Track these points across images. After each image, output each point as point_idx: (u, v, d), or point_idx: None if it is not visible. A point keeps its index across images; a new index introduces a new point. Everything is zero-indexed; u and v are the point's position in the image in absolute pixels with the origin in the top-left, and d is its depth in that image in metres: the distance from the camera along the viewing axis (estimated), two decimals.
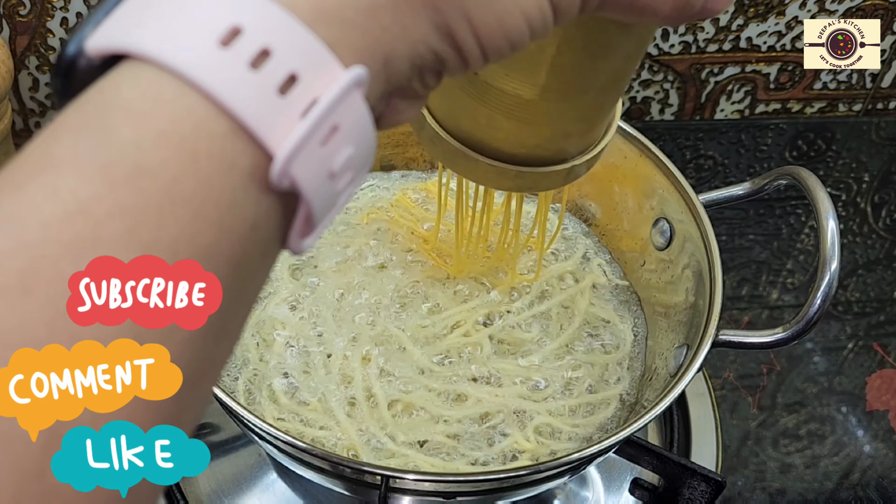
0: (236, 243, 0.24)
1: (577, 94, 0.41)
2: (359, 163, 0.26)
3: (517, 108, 0.41)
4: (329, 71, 0.24)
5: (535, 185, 0.47)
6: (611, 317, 0.64)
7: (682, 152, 0.92)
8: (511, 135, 0.43)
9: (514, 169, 0.45)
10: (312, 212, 0.25)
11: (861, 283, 0.83)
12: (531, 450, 0.56)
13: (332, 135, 0.25)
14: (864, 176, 0.93)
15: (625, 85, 0.44)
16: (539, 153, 0.45)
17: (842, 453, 0.71)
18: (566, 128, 0.44)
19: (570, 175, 0.47)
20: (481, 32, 0.27)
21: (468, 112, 0.43)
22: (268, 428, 0.48)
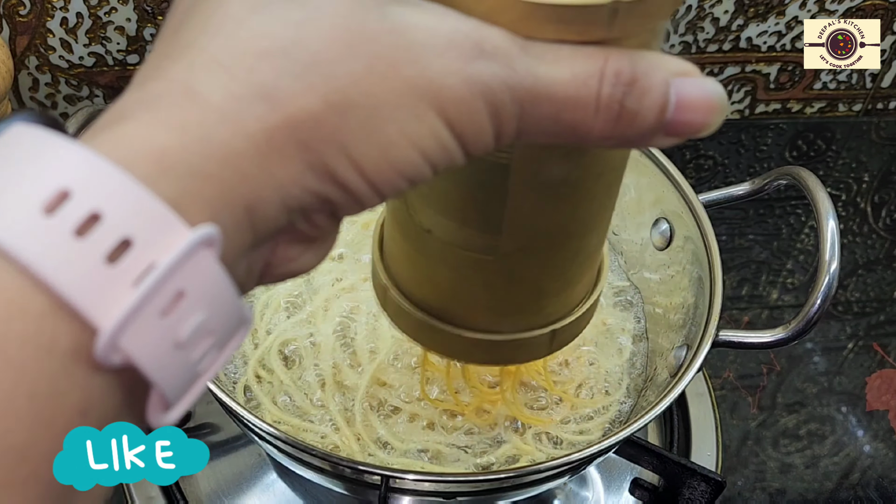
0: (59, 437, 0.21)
1: (542, 243, 0.36)
2: (218, 326, 0.23)
3: (477, 267, 0.37)
4: (170, 232, 0.22)
5: (512, 358, 0.42)
6: (611, 318, 0.64)
7: (681, 152, 0.92)
8: (478, 298, 0.39)
9: (486, 339, 0.40)
10: (161, 388, 0.22)
11: (861, 283, 0.83)
12: (530, 452, 0.55)
13: (177, 302, 0.22)
14: (864, 176, 0.93)
15: (601, 226, 0.38)
16: (512, 318, 0.40)
17: (842, 453, 0.71)
18: (538, 285, 0.38)
19: (555, 341, 0.41)
20: (366, 168, 0.24)
21: (430, 277, 0.39)
22: (268, 428, 0.48)
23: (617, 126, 0.26)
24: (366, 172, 0.24)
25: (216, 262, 0.23)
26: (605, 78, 0.25)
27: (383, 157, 0.24)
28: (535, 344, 0.41)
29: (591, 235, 0.38)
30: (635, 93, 0.26)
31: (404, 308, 0.40)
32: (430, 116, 0.24)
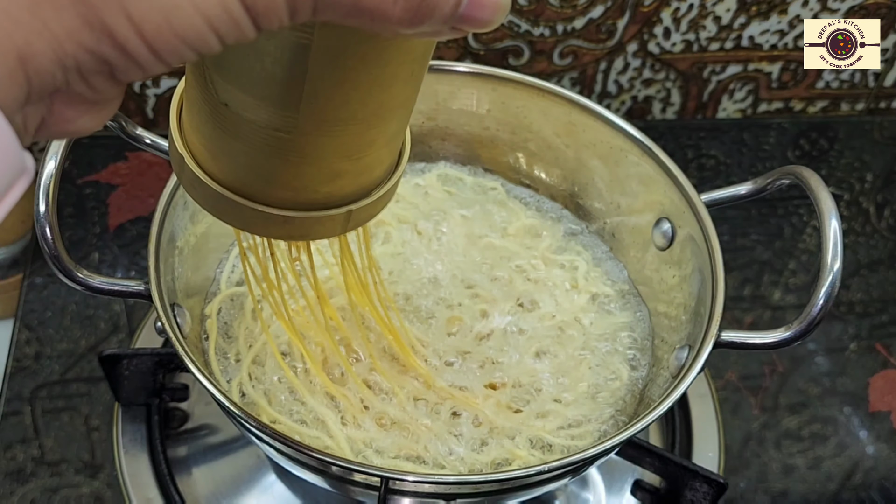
0: None
1: (339, 126, 0.37)
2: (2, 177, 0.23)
3: (273, 144, 0.37)
4: None
5: (307, 233, 0.42)
6: (613, 318, 0.64)
7: (683, 151, 0.92)
8: (272, 174, 0.39)
9: (280, 214, 0.40)
10: None
11: (864, 284, 0.83)
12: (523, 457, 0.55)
13: None
14: (867, 175, 0.93)
15: (403, 114, 0.39)
16: (307, 196, 0.40)
17: (844, 454, 0.71)
18: (335, 166, 0.39)
19: (351, 221, 0.42)
20: (146, 31, 0.24)
21: (225, 150, 0.39)
22: (266, 429, 0.48)
23: (416, 14, 0.27)
24: (146, 35, 0.24)
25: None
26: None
27: (166, 21, 0.24)
28: (332, 222, 0.41)
29: (390, 122, 0.39)
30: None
31: (201, 180, 0.40)
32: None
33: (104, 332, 0.72)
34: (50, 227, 0.51)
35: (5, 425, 0.66)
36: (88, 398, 0.68)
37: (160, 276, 0.53)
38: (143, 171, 0.83)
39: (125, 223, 0.79)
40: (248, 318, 0.61)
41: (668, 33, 0.87)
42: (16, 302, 0.73)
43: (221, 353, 0.59)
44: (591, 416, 0.58)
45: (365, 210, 0.42)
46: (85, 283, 0.53)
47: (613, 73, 0.90)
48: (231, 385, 0.57)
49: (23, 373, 0.69)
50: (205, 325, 0.60)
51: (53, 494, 0.63)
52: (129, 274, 0.76)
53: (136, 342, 0.70)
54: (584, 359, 0.61)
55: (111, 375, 0.62)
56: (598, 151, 0.66)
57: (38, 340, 0.71)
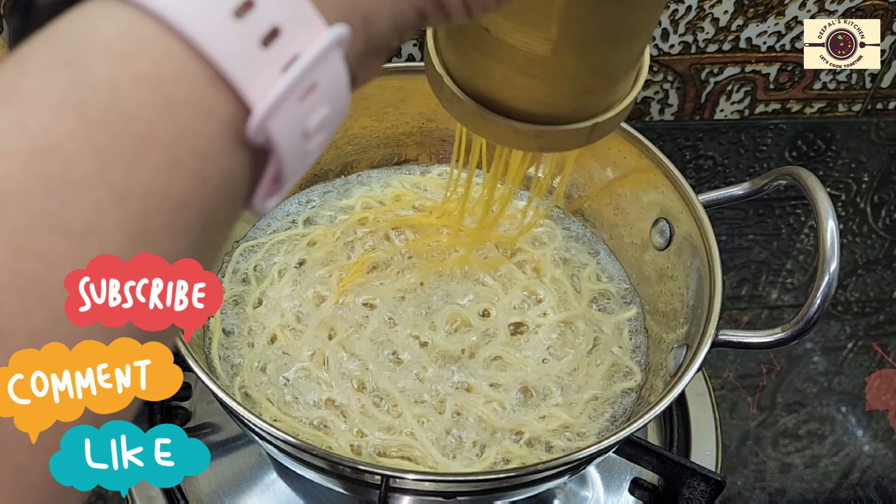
0: (210, 195, 0.23)
1: (593, 47, 0.39)
2: (332, 123, 0.25)
3: (531, 65, 0.40)
4: (312, 27, 0.24)
5: (556, 145, 0.45)
6: (611, 318, 0.64)
7: (681, 152, 0.92)
8: (528, 92, 0.42)
9: (533, 128, 0.43)
10: (283, 170, 0.24)
11: (861, 283, 0.83)
12: (523, 456, 0.55)
13: (311, 93, 0.24)
14: (864, 176, 0.93)
15: (647, 34, 0.42)
16: (559, 111, 0.43)
17: (841, 453, 0.71)
18: (585, 83, 0.42)
19: (595, 133, 0.45)
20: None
21: (483, 71, 0.42)
22: (268, 427, 0.48)
23: None
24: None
25: (343, 63, 0.25)
26: None
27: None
28: (577, 134, 0.44)
29: (637, 41, 0.41)
30: None
31: (459, 97, 0.43)
32: None
33: None
34: None
35: None
36: None
37: None
38: None
39: None
40: (251, 318, 0.61)
41: (667, 35, 0.87)
42: None
43: (224, 352, 0.59)
44: (591, 415, 0.58)
45: (608, 123, 0.44)
46: None
47: None
48: (233, 384, 0.58)
49: None
50: (207, 324, 0.61)
51: None
52: None
53: None
54: (584, 359, 0.61)
55: None
56: (596, 152, 0.66)
57: None
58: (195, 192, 0.22)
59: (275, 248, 0.66)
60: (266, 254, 0.65)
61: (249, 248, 0.65)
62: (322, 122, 0.25)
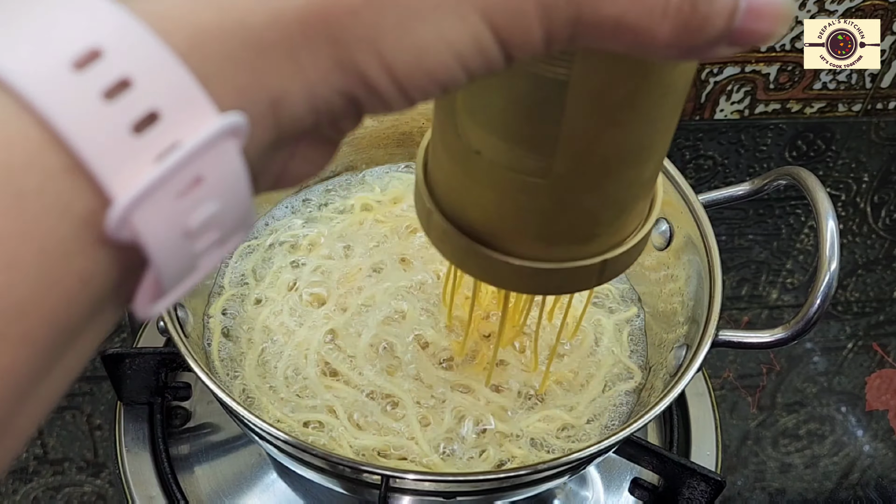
0: (61, 301, 0.20)
1: (595, 168, 0.35)
2: (227, 222, 0.22)
3: (529, 191, 0.35)
4: (198, 112, 0.21)
5: (559, 286, 0.40)
6: (611, 318, 0.64)
7: (681, 152, 0.92)
8: (526, 225, 0.37)
9: (531, 266, 0.38)
10: (160, 274, 0.22)
11: (860, 283, 0.83)
12: (523, 457, 0.55)
13: (194, 187, 0.21)
14: (864, 176, 0.93)
15: (659, 155, 0.37)
16: (561, 246, 0.38)
17: (841, 453, 0.71)
18: (588, 213, 0.37)
19: (605, 272, 0.40)
20: (397, 71, 0.23)
21: (476, 201, 0.37)
22: (268, 427, 0.48)
23: (684, 32, 0.24)
24: (397, 75, 0.23)
25: (238, 155, 0.22)
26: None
27: (416, 60, 0.23)
28: (584, 274, 0.39)
29: (649, 163, 0.37)
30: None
31: (449, 233, 0.39)
32: (473, 19, 0.23)
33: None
34: None
35: None
36: (91, 397, 0.68)
37: None
38: None
39: None
40: (250, 318, 0.61)
41: None
42: None
43: (224, 352, 0.60)
44: (591, 417, 0.58)
45: (619, 259, 0.40)
46: None
47: None
48: (233, 384, 0.58)
49: None
50: (207, 324, 0.61)
51: (56, 493, 0.63)
52: None
53: (139, 341, 0.71)
54: (585, 360, 0.61)
55: (114, 374, 0.62)
56: None
57: None
58: (40, 298, 0.20)
59: (274, 248, 0.66)
60: (265, 254, 0.65)
61: (248, 249, 0.65)
62: (208, 220, 0.22)
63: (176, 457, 0.64)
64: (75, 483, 0.64)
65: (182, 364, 0.60)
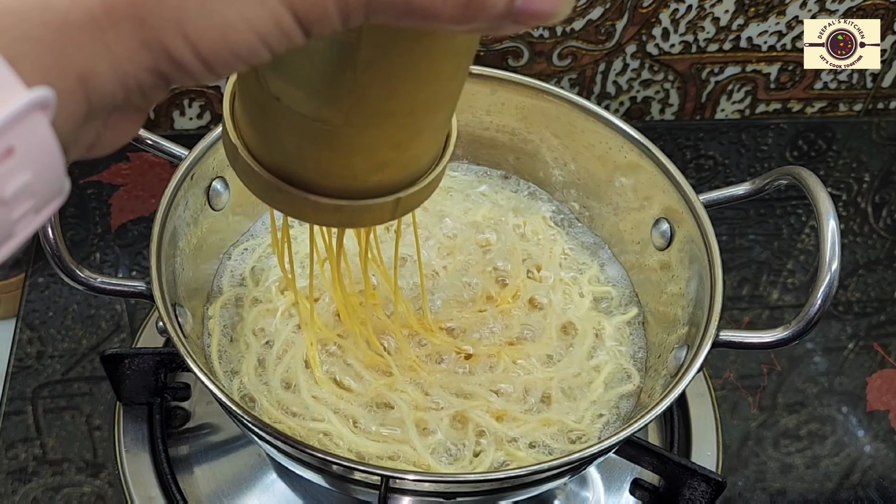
0: None
1: (387, 118, 0.38)
2: (40, 191, 0.24)
3: (323, 136, 0.38)
4: (5, 88, 0.22)
5: (357, 220, 0.43)
6: (613, 319, 0.64)
7: (682, 152, 0.92)
8: (323, 165, 0.40)
9: (331, 203, 0.41)
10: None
11: (862, 283, 0.83)
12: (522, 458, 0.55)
13: (5, 159, 0.22)
14: (865, 176, 0.93)
15: (447, 107, 0.40)
16: (358, 185, 0.41)
17: (842, 453, 0.71)
18: (382, 157, 0.40)
19: (399, 208, 0.43)
20: (202, 47, 0.25)
21: (277, 141, 0.40)
22: (267, 428, 0.48)
23: (466, 11, 0.26)
24: (201, 52, 0.25)
25: (48, 126, 0.23)
26: None
27: (221, 38, 0.25)
28: (379, 209, 0.42)
29: (437, 114, 0.40)
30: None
31: (254, 169, 0.41)
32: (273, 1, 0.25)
33: (106, 332, 0.72)
34: (52, 227, 0.51)
35: (7, 424, 0.66)
36: (90, 397, 0.68)
37: (161, 276, 0.53)
38: (145, 172, 0.83)
39: (127, 223, 0.79)
40: (250, 319, 0.61)
41: (667, 34, 0.87)
42: (18, 301, 0.74)
43: (223, 352, 0.59)
44: (591, 420, 0.58)
45: (412, 197, 0.43)
46: (87, 283, 0.53)
47: (612, 75, 0.90)
48: (232, 384, 0.58)
49: (25, 372, 0.69)
50: (207, 325, 0.60)
51: (55, 493, 0.63)
52: (130, 274, 0.76)
53: (138, 342, 0.71)
54: (585, 362, 0.61)
55: (113, 375, 0.62)
56: (596, 152, 0.66)
57: (40, 340, 0.71)
58: None
59: (272, 248, 0.66)
60: (264, 254, 0.65)
61: (247, 250, 0.65)
62: (22, 188, 0.23)
63: (175, 457, 0.64)
64: (74, 483, 0.64)
65: (181, 364, 0.60)
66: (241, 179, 0.43)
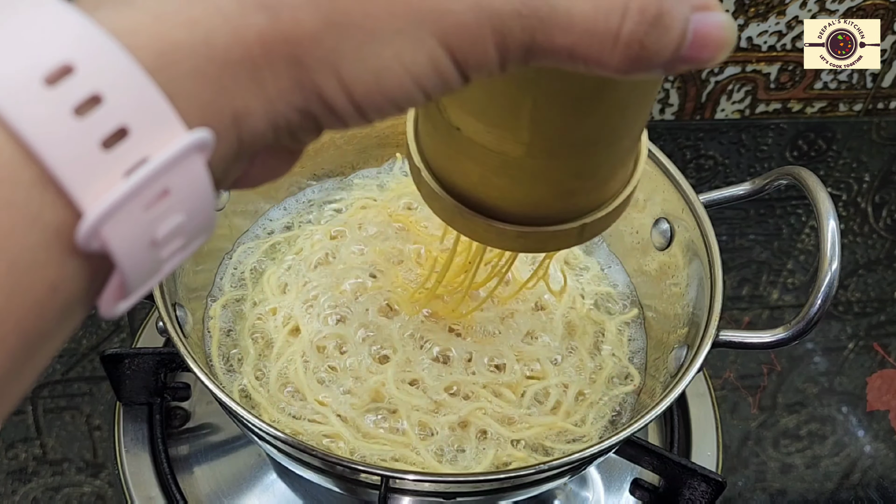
0: (31, 309, 0.21)
1: (569, 150, 0.37)
2: (190, 231, 0.23)
3: (506, 166, 0.37)
4: (166, 128, 0.22)
5: (542, 246, 0.42)
6: (613, 319, 0.64)
7: (682, 152, 0.92)
8: (506, 193, 0.39)
9: (514, 230, 0.40)
10: (126, 280, 0.22)
11: (862, 283, 0.83)
12: (522, 458, 0.55)
13: (161, 200, 0.22)
14: (865, 176, 0.93)
15: (634, 133, 0.39)
16: (542, 212, 0.40)
17: (842, 453, 0.71)
18: (567, 185, 0.39)
19: (584, 234, 0.42)
20: (355, 91, 0.24)
21: (459, 169, 0.40)
22: (267, 428, 0.48)
23: (634, 63, 0.25)
24: (354, 96, 0.24)
25: (204, 168, 0.23)
26: (629, 14, 0.24)
27: (375, 81, 0.24)
28: (564, 235, 0.41)
29: (623, 141, 0.38)
30: (657, 31, 0.25)
31: (436, 192, 0.41)
32: (431, 43, 0.24)
33: (106, 332, 0.72)
34: None
35: (7, 424, 0.66)
36: (90, 397, 0.68)
37: None
38: None
39: None
40: (250, 320, 0.61)
41: None
42: None
43: (223, 353, 0.59)
44: (591, 421, 0.58)
45: (598, 223, 0.42)
46: None
47: None
48: (232, 384, 0.58)
49: None
50: (207, 325, 0.60)
51: (55, 493, 0.63)
52: None
53: (138, 342, 0.71)
54: (586, 363, 0.61)
55: (113, 375, 0.62)
56: None
57: None
58: (11, 307, 0.20)
59: (273, 249, 0.66)
60: (264, 255, 0.65)
61: (248, 250, 0.65)
62: (175, 230, 0.23)
63: (175, 457, 0.64)
64: (74, 483, 0.64)
65: (181, 364, 0.60)
66: (425, 201, 0.43)
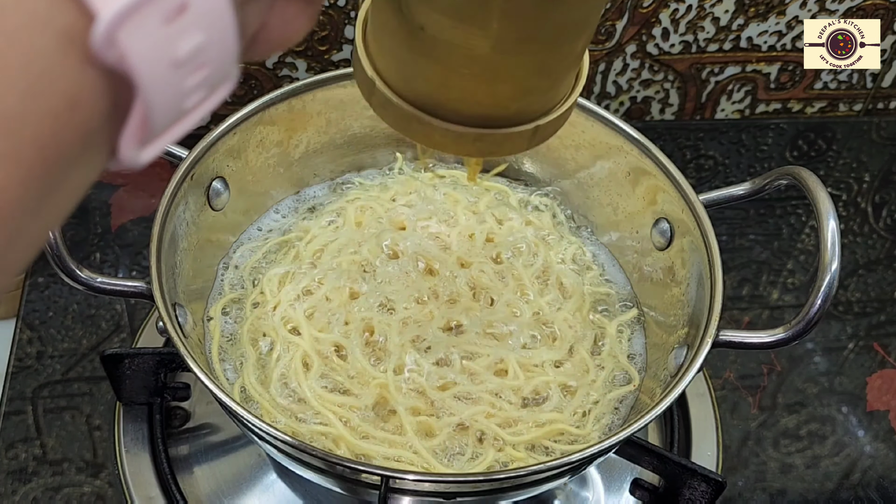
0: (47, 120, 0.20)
1: (535, 44, 0.38)
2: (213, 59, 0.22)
3: (470, 63, 0.38)
4: None
5: (497, 149, 0.43)
6: (613, 320, 0.64)
7: (682, 152, 0.92)
8: (466, 94, 0.40)
9: (472, 132, 0.41)
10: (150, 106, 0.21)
11: (862, 283, 0.83)
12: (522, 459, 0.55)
13: (179, 15, 0.21)
14: (865, 176, 0.93)
15: (589, 33, 0.40)
16: (500, 113, 0.41)
17: (842, 453, 0.71)
18: (526, 83, 0.40)
19: (536, 136, 0.43)
20: None
21: (418, 72, 0.40)
22: (267, 428, 0.48)
23: None
24: None
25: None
26: None
27: None
28: (518, 138, 0.42)
29: (582, 37, 0.40)
30: None
31: (392, 101, 0.41)
32: None
33: (106, 332, 0.72)
34: None
35: (7, 424, 0.66)
36: (90, 397, 0.68)
37: (161, 276, 0.53)
38: (145, 171, 0.82)
39: (127, 223, 0.79)
40: (250, 320, 0.61)
41: (667, 34, 0.87)
42: (18, 301, 0.74)
43: (223, 353, 0.59)
44: (591, 422, 0.58)
45: (549, 125, 0.43)
46: (87, 283, 0.53)
47: (612, 74, 0.90)
48: (232, 384, 0.58)
49: (25, 372, 0.69)
50: (207, 326, 0.60)
51: (55, 493, 0.63)
52: (130, 274, 0.76)
53: (138, 342, 0.71)
54: (586, 364, 0.61)
55: (113, 375, 0.62)
56: (596, 152, 0.66)
57: (40, 340, 0.71)
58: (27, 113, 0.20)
59: (272, 249, 0.66)
60: (264, 255, 0.65)
61: (247, 250, 0.65)
62: (195, 51, 0.21)
63: (175, 457, 0.64)
64: (74, 483, 0.64)
65: (181, 364, 0.60)
66: (377, 112, 0.43)
